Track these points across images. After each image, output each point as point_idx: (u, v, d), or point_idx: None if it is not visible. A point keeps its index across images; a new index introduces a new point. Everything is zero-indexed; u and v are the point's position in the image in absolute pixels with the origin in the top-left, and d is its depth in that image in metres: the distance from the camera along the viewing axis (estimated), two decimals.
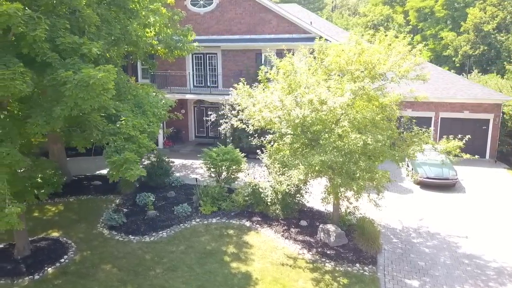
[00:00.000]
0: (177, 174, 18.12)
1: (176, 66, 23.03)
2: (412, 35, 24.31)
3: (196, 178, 17.76)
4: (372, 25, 43.68)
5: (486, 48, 37.47)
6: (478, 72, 33.78)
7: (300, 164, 10.34)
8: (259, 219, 14.11)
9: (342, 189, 11.14)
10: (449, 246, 12.42)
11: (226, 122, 21.14)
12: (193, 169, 20.10)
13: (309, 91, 10.22)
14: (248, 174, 16.04)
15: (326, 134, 10.51)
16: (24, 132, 8.55)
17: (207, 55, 23.66)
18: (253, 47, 22.19)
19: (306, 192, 14.06)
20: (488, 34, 37.46)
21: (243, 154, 16.15)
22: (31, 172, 11.77)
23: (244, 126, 12.86)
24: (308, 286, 10.35)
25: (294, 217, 14.08)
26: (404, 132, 11.91)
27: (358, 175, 10.42)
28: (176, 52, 18.22)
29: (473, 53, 38.13)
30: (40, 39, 7.34)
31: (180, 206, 14.61)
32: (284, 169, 12.27)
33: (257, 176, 15.91)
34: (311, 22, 22.72)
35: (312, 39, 21.15)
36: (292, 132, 11.20)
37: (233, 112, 20.98)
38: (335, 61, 10.48)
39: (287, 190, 13.75)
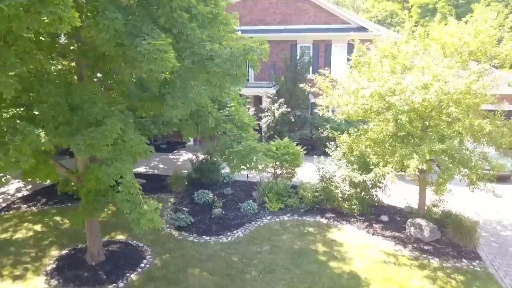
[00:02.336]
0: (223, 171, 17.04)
1: None
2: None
3: (247, 174, 16.74)
4: (376, 21, 43.54)
5: None
6: None
7: (414, 153, 9.55)
8: (333, 215, 13.28)
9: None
10: None
11: (267, 116, 20.30)
12: None
13: (425, 74, 9.44)
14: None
15: (440, 121, 9.78)
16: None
17: None
18: (288, 38, 21.36)
19: (383, 186, 13.29)
20: None
21: None
22: None
23: (328, 113, 12.03)
24: (425, 285, 9.58)
25: (370, 212, 13.32)
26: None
27: (473, 163, 9.74)
28: None
29: None
30: (178, 7, 6.27)
31: (247, 203, 13.61)
32: (370, 160, 11.52)
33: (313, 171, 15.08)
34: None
35: (350, 30, 20.59)
36: (400, 119, 10.38)
37: (275, 105, 20.27)
38: (450, 43, 9.73)
39: (365, 184, 13.00)
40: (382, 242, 11.58)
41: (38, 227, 12.45)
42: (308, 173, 15.42)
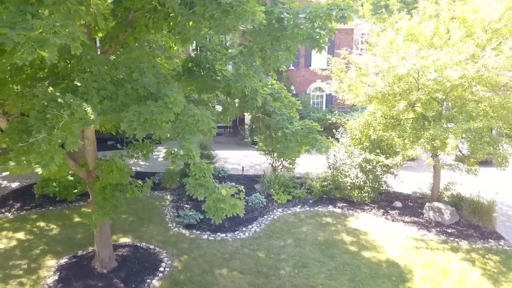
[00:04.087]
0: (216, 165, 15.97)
1: None
2: None
3: (242, 167, 15.83)
4: (384, 5, 42.91)
5: None
6: None
7: (449, 133, 9.26)
8: (345, 204, 12.79)
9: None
10: None
11: None
12: (223, 159, 18.01)
13: (460, 51, 9.17)
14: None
15: (466, 101, 9.59)
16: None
17: None
18: None
19: (395, 172, 13.01)
20: None
21: None
22: None
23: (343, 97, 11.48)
24: (466, 267, 9.31)
25: (381, 200, 13.00)
26: None
27: (502, 143, 9.67)
28: None
29: None
30: None
31: (254, 197, 12.72)
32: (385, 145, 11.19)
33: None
34: None
35: None
36: (433, 98, 10.02)
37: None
38: (481, 19, 9.52)
39: (376, 171, 12.66)
40: (405, 228, 11.26)
41: (20, 235, 10.67)
42: (304, 164, 14.80)
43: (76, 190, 12.46)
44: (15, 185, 14.69)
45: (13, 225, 11.29)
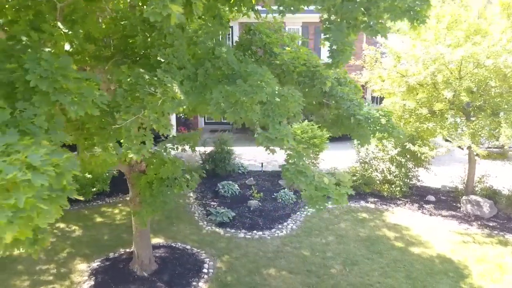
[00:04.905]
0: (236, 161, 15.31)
1: None
2: None
3: (262, 163, 15.25)
4: None
5: None
6: None
7: (504, 123, 8.94)
8: (376, 199, 12.38)
9: None
10: None
11: None
12: (237, 155, 17.35)
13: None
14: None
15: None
16: None
17: None
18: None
19: (427, 166, 12.66)
20: None
21: None
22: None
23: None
24: None
25: (412, 194, 12.64)
26: None
27: None
28: None
29: None
30: None
31: (284, 193, 12.17)
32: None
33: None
34: None
35: None
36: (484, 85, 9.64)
37: None
38: None
39: (408, 165, 12.31)
40: (445, 222, 10.91)
41: None
42: (327, 159, 14.34)
43: (94, 189, 11.63)
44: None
45: None
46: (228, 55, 4.97)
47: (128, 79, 4.09)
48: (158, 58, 4.49)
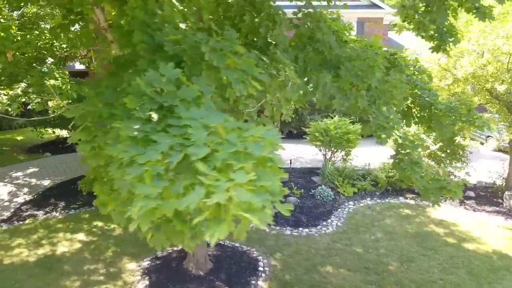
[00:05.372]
0: None
1: None
2: None
3: (291, 160, 14.99)
4: None
5: None
6: None
7: None
8: (414, 195, 12.18)
9: None
10: None
11: None
12: None
13: None
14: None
15: None
16: None
17: None
18: None
19: (466, 160, 12.48)
20: None
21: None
22: None
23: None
24: None
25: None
26: None
27: None
28: None
29: None
30: None
31: (322, 190, 11.91)
32: None
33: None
34: None
35: (360, 7, 19.74)
36: None
37: None
38: None
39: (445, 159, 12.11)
40: (490, 217, 10.75)
41: (81, 236, 9.47)
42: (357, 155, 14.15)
43: None
44: (46, 182, 13.33)
45: (67, 226, 10.05)
46: (329, 38, 4.68)
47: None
48: (269, 40, 4.19)
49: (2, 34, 7.67)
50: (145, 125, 2.19)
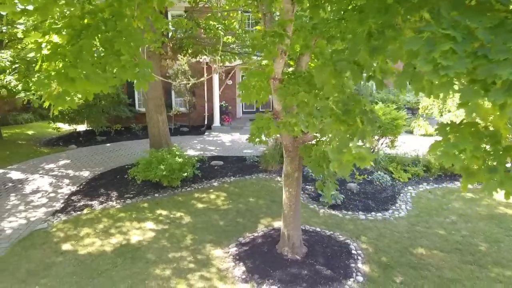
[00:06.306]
0: None
1: None
2: None
3: None
4: None
5: None
6: None
7: None
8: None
9: None
10: None
11: None
12: None
13: None
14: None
15: None
16: None
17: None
18: None
19: None
20: None
21: None
22: None
23: None
24: None
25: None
26: None
27: None
28: None
29: None
30: None
31: (380, 176, 11.71)
32: None
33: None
34: None
35: None
36: None
37: None
38: None
39: None
40: None
41: (151, 225, 8.98)
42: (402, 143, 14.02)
43: (186, 174, 10.80)
44: (86, 174, 12.72)
45: (130, 215, 9.53)
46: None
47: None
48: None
49: None
50: None
